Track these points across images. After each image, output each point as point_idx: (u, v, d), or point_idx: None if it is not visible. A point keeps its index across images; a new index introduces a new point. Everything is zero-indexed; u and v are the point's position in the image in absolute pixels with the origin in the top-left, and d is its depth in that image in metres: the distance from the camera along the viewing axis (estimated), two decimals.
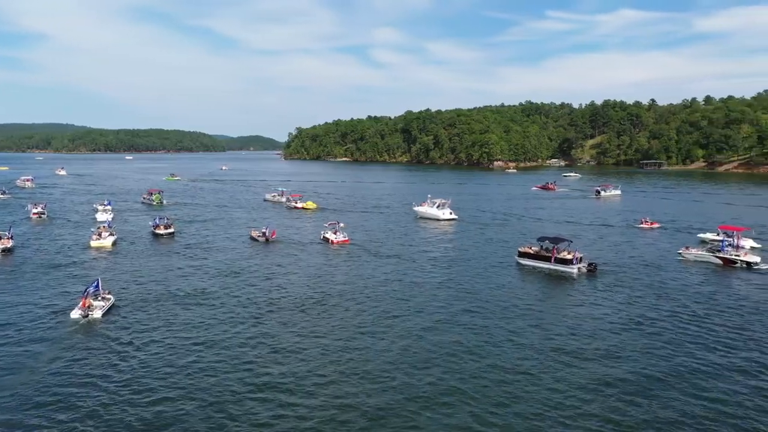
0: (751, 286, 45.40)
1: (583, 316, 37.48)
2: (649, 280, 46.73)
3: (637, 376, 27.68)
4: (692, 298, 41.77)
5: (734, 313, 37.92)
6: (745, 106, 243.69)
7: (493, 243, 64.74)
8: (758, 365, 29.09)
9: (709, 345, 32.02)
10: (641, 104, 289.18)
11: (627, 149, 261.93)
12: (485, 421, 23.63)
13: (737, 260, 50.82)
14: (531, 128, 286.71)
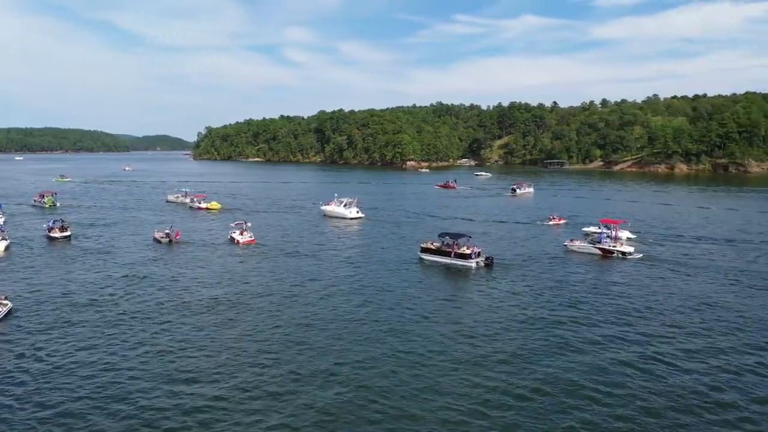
0: (624, 273, 49.76)
1: (478, 305, 39.76)
2: (538, 271, 50.05)
3: (524, 351, 30.07)
4: (574, 284, 45.36)
5: (609, 296, 41.72)
6: (636, 109, 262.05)
7: (399, 240, 66.49)
8: (624, 336, 32.31)
9: (590, 323, 35.25)
10: (544, 106, 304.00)
11: (532, 149, 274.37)
12: (393, 413, 24.50)
13: (614, 250, 55.41)
14: (442, 129, 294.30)
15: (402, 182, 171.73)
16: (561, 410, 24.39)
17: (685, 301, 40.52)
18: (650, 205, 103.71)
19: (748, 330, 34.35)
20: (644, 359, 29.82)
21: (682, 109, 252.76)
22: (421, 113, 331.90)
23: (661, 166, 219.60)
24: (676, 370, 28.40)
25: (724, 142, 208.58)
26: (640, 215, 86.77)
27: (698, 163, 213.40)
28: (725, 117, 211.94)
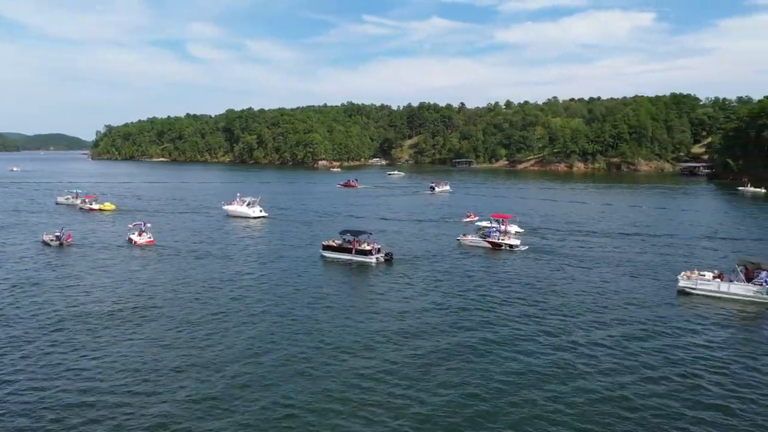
0: (509, 264, 52.58)
1: (376, 298, 40.51)
2: (432, 265, 51.60)
3: (417, 341, 30.57)
4: (462, 275, 47.67)
5: (492, 284, 44.12)
6: (538, 110, 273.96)
7: (302, 238, 65.99)
8: (510, 317, 33.83)
9: (482, 308, 36.80)
10: (452, 107, 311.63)
11: (441, 149, 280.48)
12: (306, 406, 24.44)
13: (502, 244, 58.08)
14: (353, 128, 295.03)
15: (309, 181, 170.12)
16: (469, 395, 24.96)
17: (559, 286, 43.55)
18: (541, 201, 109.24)
19: (605, 311, 37.05)
20: (513, 339, 31.54)
21: (579, 110, 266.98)
22: (332, 113, 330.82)
23: (560, 165, 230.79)
24: (538, 348, 30.04)
25: (617, 142, 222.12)
26: (532, 210, 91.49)
27: (594, 162, 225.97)
28: (617, 119, 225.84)
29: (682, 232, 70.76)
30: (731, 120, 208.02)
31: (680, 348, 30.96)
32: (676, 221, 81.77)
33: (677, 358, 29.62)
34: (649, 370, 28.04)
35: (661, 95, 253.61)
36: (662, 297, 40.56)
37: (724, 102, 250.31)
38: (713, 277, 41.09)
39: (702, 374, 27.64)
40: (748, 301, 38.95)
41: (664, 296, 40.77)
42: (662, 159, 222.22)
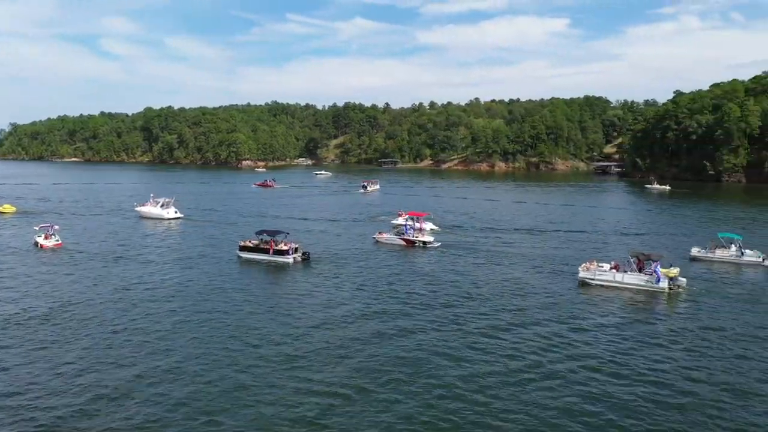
0: (424, 260, 53.88)
1: (294, 298, 40.54)
2: (348, 263, 52.13)
3: (336, 337, 30.82)
4: (376, 272, 48.38)
5: (409, 281, 45.19)
6: (461, 111, 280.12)
7: (218, 239, 64.78)
8: (420, 309, 34.61)
9: (395, 302, 37.20)
10: (378, 107, 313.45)
11: (367, 149, 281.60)
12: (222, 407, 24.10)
13: (416, 241, 59.31)
14: (278, 128, 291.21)
15: (226, 182, 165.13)
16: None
17: (468, 281, 45.09)
18: (463, 200, 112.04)
19: (510, 302, 38.67)
20: (423, 329, 32.35)
21: (500, 112, 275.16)
22: (256, 112, 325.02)
23: (483, 165, 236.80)
24: (444, 338, 31.02)
25: (535, 142, 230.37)
26: (454, 208, 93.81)
27: (514, 161, 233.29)
28: (535, 120, 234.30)
29: (593, 228, 74.49)
30: (639, 121, 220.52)
31: (576, 333, 32.83)
32: (587, 217, 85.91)
33: (573, 341, 31.43)
34: (546, 352, 29.71)
35: (575, 97, 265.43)
36: (564, 288, 42.72)
37: (633, 104, 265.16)
38: (610, 268, 43.62)
39: (598, 355, 29.54)
40: (639, 289, 41.62)
41: (565, 287, 42.94)
42: (577, 158, 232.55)
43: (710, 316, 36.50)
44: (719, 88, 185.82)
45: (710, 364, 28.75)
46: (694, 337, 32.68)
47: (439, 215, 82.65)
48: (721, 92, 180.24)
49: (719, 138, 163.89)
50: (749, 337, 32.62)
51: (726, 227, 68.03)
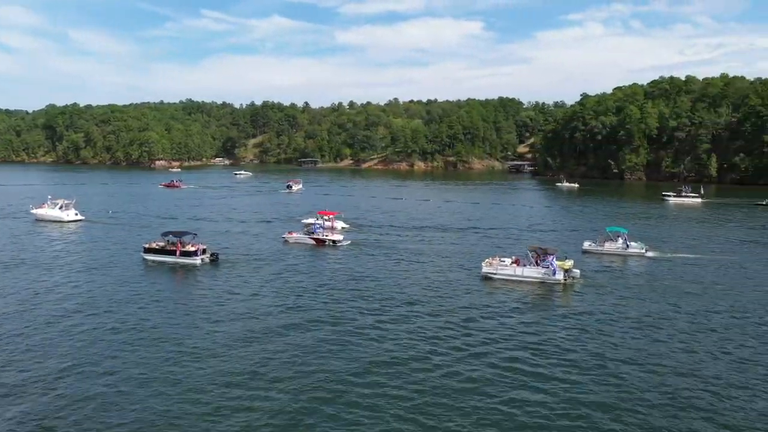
0: (334, 258, 54.28)
1: (203, 299, 39.83)
2: (258, 263, 51.46)
3: (245, 336, 29.97)
4: (289, 271, 48.14)
5: (317, 279, 45.19)
6: (380, 111, 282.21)
7: (122, 242, 62.18)
8: (326, 307, 34.60)
9: (300, 299, 37.06)
10: (297, 106, 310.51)
11: (287, 148, 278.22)
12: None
13: (326, 239, 59.37)
14: (193, 127, 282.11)
15: (131, 182, 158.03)
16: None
17: (376, 278, 45.68)
18: (383, 199, 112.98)
19: (415, 297, 39.51)
20: (328, 325, 32.48)
21: (418, 112, 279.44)
22: (169, 110, 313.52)
23: (402, 164, 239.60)
24: (349, 335, 31.21)
25: (453, 142, 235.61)
26: (375, 207, 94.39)
27: (433, 160, 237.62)
28: (452, 120, 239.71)
29: (505, 224, 76.99)
30: (549, 122, 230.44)
31: (476, 323, 34.01)
32: (501, 214, 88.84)
33: (473, 332, 32.61)
34: (444, 342, 30.60)
35: (490, 98, 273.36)
36: (468, 283, 44.01)
37: (543, 106, 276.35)
38: (511, 263, 45.32)
39: (500, 342, 30.91)
40: (537, 281, 43.52)
41: (470, 282, 44.27)
42: (492, 157, 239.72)
43: (601, 303, 38.78)
44: (621, 91, 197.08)
45: (604, 345, 30.80)
46: (588, 322, 34.68)
47: (356, 214, 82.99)
48: (623, 95, 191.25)
49: (622, 138, 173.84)
50: (636, 320, 35.06)
51: (615, 222, 72.26)
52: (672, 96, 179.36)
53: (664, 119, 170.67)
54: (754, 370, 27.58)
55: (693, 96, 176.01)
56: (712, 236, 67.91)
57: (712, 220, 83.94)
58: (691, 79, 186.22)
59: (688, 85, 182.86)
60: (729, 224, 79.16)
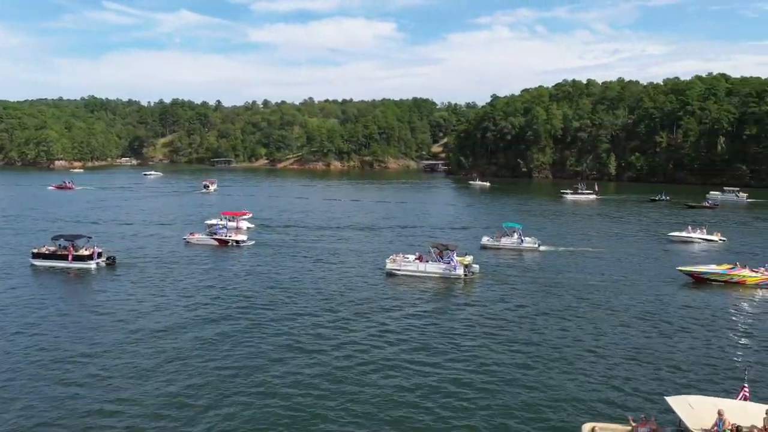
0: (237, 259, 52.95)
1: (99, 304, 37.85)
2: (158, 265, 49.39)
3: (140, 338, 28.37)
4: (190, 273, 46.52)
5: (219, 280, 43.72)
6: (295, 110, 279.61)
7: (7, 247, 57.76)
8: (228, 309, 33.54)
9: (203, 302, 35.66)
10: (208, 104, 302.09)
11: (198, 148, 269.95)
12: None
13: (229, 240, 58.15)
14: (97, 125, 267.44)
15: (20, 183, 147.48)
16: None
17: (280, 278, 44.94)
18: (290, 198, 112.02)
19: (318, 295, 39.20)
20: (233, 331, 31.58)
21: (333, 111, 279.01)
22: (70, 107, 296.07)
23: (318, 164, 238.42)
24: (256, 337, 30.62)
25: (369, 142, 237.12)
26: (291, 207, 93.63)
27: (349, 160, 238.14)
28: (368, 120, 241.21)
29: (415, 222, 78.13)
30: (462, 123, 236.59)
31: (379, 319, 34.23)
32: (414, 213, 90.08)
33: (375, 325, 32.97)
34: (344, 335, 30.57)
35: (404, 99, 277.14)
36: (372, 280, 44.28)
37: (456, 107, 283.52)
38: (414, 259, 46.07)
39: (398, 334, 31.34)
40: (440, 277, 44.48)
41: (374, 278, 44.55)
42: (408, 157, 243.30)
43: (499, 296, 40.24)
44: (528, 93, 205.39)
45: (504, 335, 31.97)
46: (488, 315, 35.75)
47: (269, 214, 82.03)
48: (530, 97, 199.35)
49: (530, 138, 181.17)
50: (532, 311, 36.58)
51: (518, 218, 75.11)
52: (574, 98, 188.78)
53: (568, 120, 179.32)
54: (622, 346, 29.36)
55: (593, 98, 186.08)
56: (600, 230, 72.12)
57: (602, 215, 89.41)
58: (591, 82, 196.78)
59: (588, 88, 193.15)
60: (617, 219, 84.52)
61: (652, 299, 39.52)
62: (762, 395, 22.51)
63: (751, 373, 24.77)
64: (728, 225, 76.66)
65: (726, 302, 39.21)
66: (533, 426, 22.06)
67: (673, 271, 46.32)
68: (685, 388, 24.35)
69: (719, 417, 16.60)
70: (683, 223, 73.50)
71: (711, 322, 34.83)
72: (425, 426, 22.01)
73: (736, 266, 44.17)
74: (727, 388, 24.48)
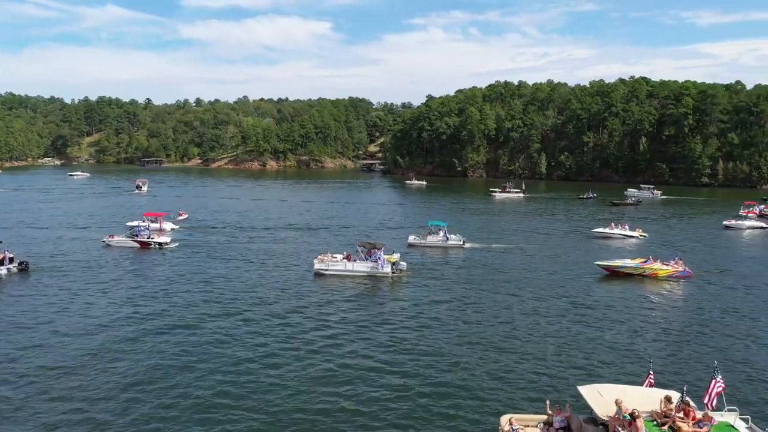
0: (159, 261, 51.17)
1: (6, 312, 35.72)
2: (75, 269, 47.26)
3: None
4: (109, 276, 44.78)
5: (139, 282, 42.06)
6: (229, 109, 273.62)
7: None
8: (146, 311, 32.15)
9: (121, 304, 33.97)
10: (138, 102, 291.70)
11: (127, 147, 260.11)
12: None
13: (151, 242, 56.24)
14: (16, 123, 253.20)
15: None
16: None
17: (204, 279, 43.74)
18: (223, 199, 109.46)
19: (246, 297, 38.53)
20: (153, 331, 30.39)
21: (269, 110, 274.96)
22: None
23: (254, 163, 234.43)
24: (172, 340, 29.57)
25: (305, 141, 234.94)
26: (216, 207, 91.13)
27: (286, 159, 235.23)
28: (304, 119, 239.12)
29: (350, 222, 77.75)
30: (398, 123, 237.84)
31: (306, 319, 33.85)
32: (347, 212, 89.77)
33: (300, 326, 32.49)
34: (274, 338, 29.97)
35: (341, 98, 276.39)
36: (300, 280, 43.72)
37: (392, 106, 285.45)
38: (342, 258, 45.88)
39: (325, 333, 30.62)
40: (368, 275, 44.46)
41: (302, 279, 44.00)
42: (345, 157, 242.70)
43: (424, 292, 40.71)
44: (462, 93, 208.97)
45: (428, 331, 32.33)
46: (413, 311, 36.05)
47: (201, 215, 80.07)
48: (464, 97, 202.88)
49: (464, 138, 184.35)
50: (455, 306, 37.21)
51: (445, 216, 76.19)
52: (507, 99, 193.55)
53: (500, 120, 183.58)
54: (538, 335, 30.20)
55: (525, 99, 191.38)
56: (526, 228, 74.12)
57: (529, 213, 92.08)
58: (522, 84, 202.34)
59: (520, 90, 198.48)
60: (544, 216, 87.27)
61: (569, 293, 40.90)
62: (665, 382, 23.54)
63: (657, 361, 25.94)
64: (648, 221, 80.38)
65: (638, 294, 40.97)
66: (454, 420, 22.26)
67: (592, 266, 48.02)
68: (598, 377, 25.16)
69: (617, 405, 17.22)
70: (608, 219, 76.44)
71: (623, 313, 36.29)
72: (345, 420, 21.87)
73: (649, 260, 46.29)
74: (636, 375, 25.46)
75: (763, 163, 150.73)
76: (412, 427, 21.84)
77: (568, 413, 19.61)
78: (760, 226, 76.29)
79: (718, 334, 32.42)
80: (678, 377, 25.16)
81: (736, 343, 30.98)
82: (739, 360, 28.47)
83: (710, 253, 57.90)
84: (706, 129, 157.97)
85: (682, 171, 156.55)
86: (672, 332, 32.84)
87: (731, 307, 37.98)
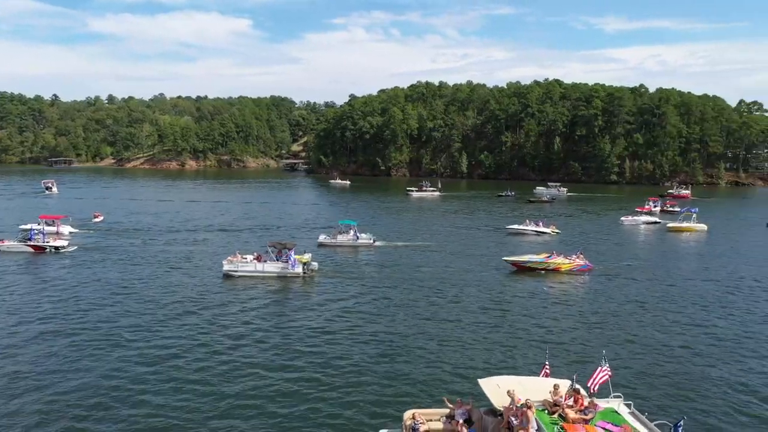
0: (55, 266, 47.78)
1: None
2: None
3: None
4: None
5: (32, 290, 39.02)
6: (145, 107, 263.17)
7: None
8: (41, 318, 30.07)
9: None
10: (43, 99, 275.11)
11: (32, 146, 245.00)
12: None
13: (46, 246, 52.93)
14: None
15: None
16: None
17: (108, 284, 41.29)
18: (134, 200, 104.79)
19: (149, 302, 36.76)
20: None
21: (187, 108, 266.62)
22: None
23: (172, 163, 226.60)
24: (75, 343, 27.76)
25: (226, 140, 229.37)
26: (140, 210, 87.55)
27: (206, 159, 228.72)
28: (225, 118, 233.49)
29: (269, 222, 76.21)
30: (321, 122, 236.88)
31: (206, 321, 32.79)
32: (268, 212, 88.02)
33: (203, 328, 31.42)
34: (188, 339, 28.68)
35: (262, 97, 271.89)
36: (209, 282, 42.20)
37: (315, 106, 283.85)
38: (252, 259, 44.78)
39: (244, 338, 30.03)
40: (279, 276, 43.60)
41: (210, 281, 42.48)
42: (267, 156, 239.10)
43: (335, 292, 40.36)
44: (385, 93, 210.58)
45: (338, 329, 32.12)
46: (325, 310, 35.66)
47: (114, 217, 76.19)
48: (386, 97, 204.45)
49: (387, 137, 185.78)
50: (364, 303, 37.29)
51: (357, 215, 76.38)
52: (428, 99, 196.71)
53: (423, 120, 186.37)
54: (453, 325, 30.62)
55: (446, 100, 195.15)
56: (441, 226, 75.32)
57: (446, 211, 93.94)
58: (443, 84, 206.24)
59: (441, 90, 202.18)
60: (460, 214, 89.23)
61: (475, 288, 41.68)
62: (560, 371, 24.28)
63: (554, 352, 26.76)
64: (560, 218, 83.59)
65: (540, 288, 42.30)
66: (358, 420, 22.00)
67: (500, 261, 49.26)
68: (498, 369, 25.66)
69: (509, 396, 17.58)
70: (524, 216, 78.89)
71: (526, 307, 37.33)
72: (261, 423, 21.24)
73: (553, 255, 48.00)
74: (537, 366, 26.15)
75: (665, 162, 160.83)
76: (308, 427, 21.46)
77: (470, 406, 19.84)
78: (654, 221, 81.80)
79: (612, 325, 33.89)
80: (572, 366, 26.01)
81: (627, 333, 32.48)
82: (628, 349, 29.85)
83: (609, 247, 60.94)
84: (614, 129, 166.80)
85: (593, 169, 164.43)
86: (570, 323, 34.02)
87: (626, 297, 39.95)
